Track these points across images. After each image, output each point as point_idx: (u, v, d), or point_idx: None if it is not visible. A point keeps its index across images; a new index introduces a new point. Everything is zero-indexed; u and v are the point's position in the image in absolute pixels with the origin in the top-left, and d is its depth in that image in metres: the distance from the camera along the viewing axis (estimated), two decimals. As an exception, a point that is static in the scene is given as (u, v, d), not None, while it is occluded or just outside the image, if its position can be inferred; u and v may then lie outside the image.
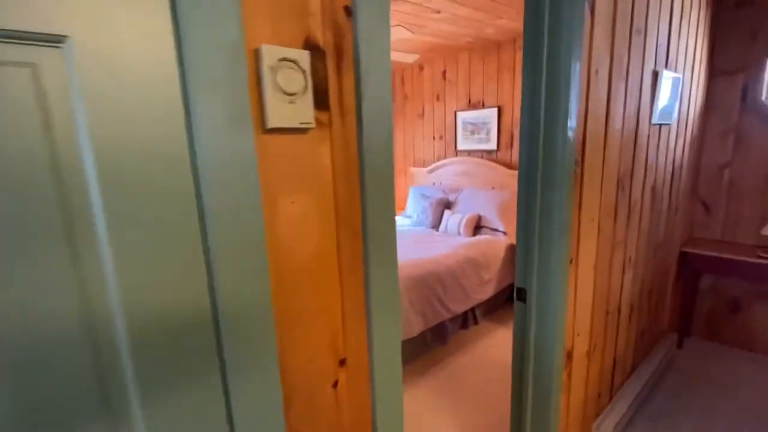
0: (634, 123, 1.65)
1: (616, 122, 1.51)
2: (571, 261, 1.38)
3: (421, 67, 4.59)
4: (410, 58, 3.17)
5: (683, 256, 2.56)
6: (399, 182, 5.25)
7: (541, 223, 1.28)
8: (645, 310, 2.15)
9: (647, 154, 1.82)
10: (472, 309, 3.08)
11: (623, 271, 1.78)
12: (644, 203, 1.87)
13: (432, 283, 2.73)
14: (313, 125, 0.65)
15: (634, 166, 1.71)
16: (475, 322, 3.12)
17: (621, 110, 1.52)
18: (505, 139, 3.83)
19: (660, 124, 1.89)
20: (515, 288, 1.42)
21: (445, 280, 2.81)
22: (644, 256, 1.98)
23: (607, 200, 1.54)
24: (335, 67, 0.67)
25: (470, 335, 3.00)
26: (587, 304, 1.55)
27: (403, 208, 5.11)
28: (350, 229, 0.74)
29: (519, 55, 3.57)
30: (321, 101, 0.66)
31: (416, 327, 2.58)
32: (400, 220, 4.36)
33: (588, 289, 1.53)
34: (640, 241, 1.90)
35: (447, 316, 2.82)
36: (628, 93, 1.56)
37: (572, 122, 1.20)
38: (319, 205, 0.68)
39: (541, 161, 1.22)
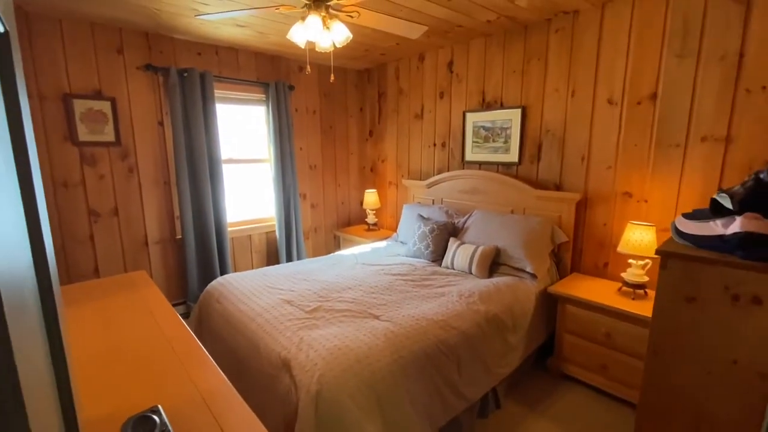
0: None
1: None
2: None
3: (421, 57, 3.71)
4: (415, 32, 2.27)
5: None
6: (389, 197, 4.33)
7: None
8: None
9: None
10: (493, 388, 2.17)
11: None
12: None
13: (443, 361, 1.81)
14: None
15: None
16: (497, 406, 2.21)
17: None
18: (530, 149, 2.96)
19: None
20: None
21: (461, 354, 1.89)
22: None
23: None
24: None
25: (492, 427, 2.08)
26: None
27: (393, 230, 4.19)
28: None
29: (554, 39, 2.71)
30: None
31: (419, 438, 1.65)
32: (391, 247, 3.42)
33: None
34: None
35: (462, 407, 1.90)
36: None
37: None
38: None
39: None
